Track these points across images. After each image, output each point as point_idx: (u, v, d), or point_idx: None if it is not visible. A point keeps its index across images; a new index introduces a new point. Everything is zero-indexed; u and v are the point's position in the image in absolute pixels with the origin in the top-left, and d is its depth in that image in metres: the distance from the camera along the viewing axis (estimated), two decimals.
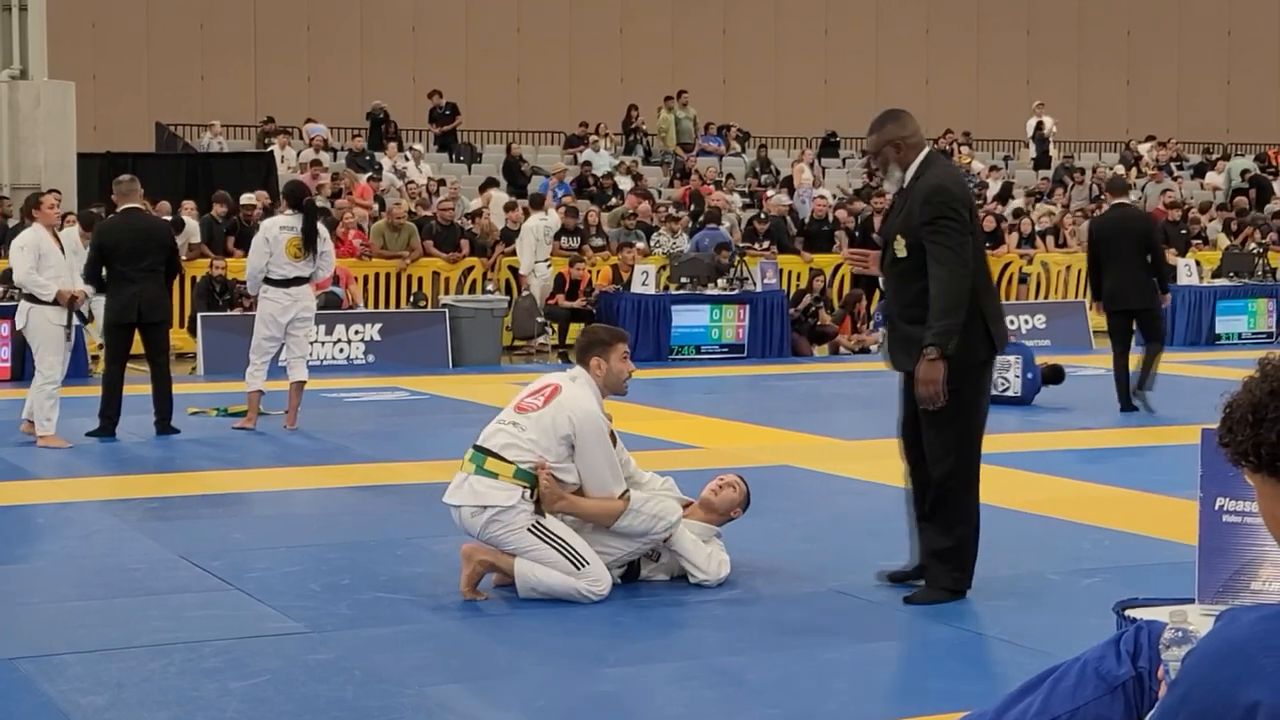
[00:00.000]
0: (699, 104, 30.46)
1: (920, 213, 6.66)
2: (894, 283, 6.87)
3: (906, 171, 6.81)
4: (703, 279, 18.89)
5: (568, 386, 6.91)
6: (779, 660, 5.91)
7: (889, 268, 6.87)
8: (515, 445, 6.78)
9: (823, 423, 12.84)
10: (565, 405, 6.81)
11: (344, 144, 27.37)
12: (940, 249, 6.62)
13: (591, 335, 7.30)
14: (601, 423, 6.85)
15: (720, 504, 7.32)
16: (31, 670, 5.70)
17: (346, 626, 6.38)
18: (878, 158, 6.94)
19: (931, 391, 6.52)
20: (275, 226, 12.54)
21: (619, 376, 7.04)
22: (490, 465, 6.78)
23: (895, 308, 6.92)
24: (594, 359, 7.01)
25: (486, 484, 6.75)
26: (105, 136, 26.98)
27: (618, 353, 7.05)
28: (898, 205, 6.92)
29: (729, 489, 7.34)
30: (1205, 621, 3.18)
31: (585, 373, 7.00)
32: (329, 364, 17.16)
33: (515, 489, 6.73)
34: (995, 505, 9.15)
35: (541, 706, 5.35)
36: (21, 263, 11.66)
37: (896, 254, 6.76)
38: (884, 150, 6.84)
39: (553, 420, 6.78)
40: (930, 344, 6.51)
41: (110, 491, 9.79)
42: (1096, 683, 3.65)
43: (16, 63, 20.70)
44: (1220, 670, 2.31)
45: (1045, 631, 6.24)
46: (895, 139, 6.82)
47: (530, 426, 6.80)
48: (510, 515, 6.70)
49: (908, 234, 6.72)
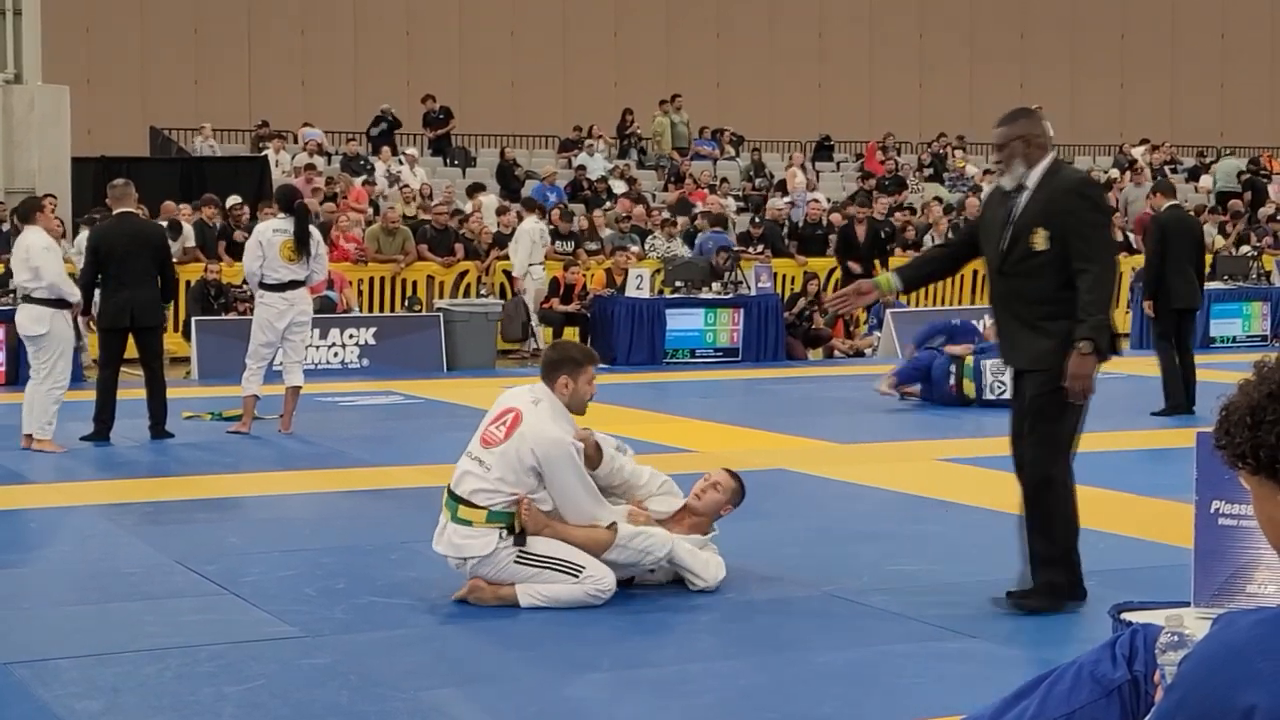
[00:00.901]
0: (693, 108, 30.47)
1: (1068, 205, 6.56)
2: (1021, 278, 6.68)
3: (1031, 170, 6.68)
4: (697, 283, 18.89)
5: (529, 413, 6.73)
6: (774, 664, 5.91)
7: (1016, 263, 6.67)
8: (483, 489, 6.68)
9: (817, 426, 12.84)
10: (528, 436, 6.66)
11: (338, 148, 27.38)
12: (1091, 244, 6.54)
13: (563, 352, 7.13)
14: (568, 447, 6.68)
15: (705, 508, 7.20)
16: (26, 675, 5.69)
17: (342, 631, 6.37)
18: (1005, 149, 6.73)
19: (1082, 386, 6.43)
20: (268, 230, 12.55)
21: (583, 398, 6.91)
22: (463, 513, 6.72)
23: (1020, 304, 6.71)
24: (562, 378, 6.85)
25: (463, 534, 6.72)
26: (100, 140, 26.95)
27: (586, 374, 6.91)
28: (1029, 201, 6.68)
29: (712, 490, 7.21)
30: (1201, 625, 3.19)
31: (549, 392, 6.83)
32: (323, 368, 17.14)
33: (491, 534, 6.67)
34: (991, 509, 9.16)
35: (536, 711, 5.35)
36: (53, 265, 11.56)
37: (1034, 247, 6.59)
38: (1013, 144, 6.69)
39: (516, 453, 6.65)
40: (1085, 338, 6.41)
41: (105, 496, 9.78)
42: (1092, 686, 3.65)
43: (11, 67, 20.71)
44: (1217, 674, 2.31)
45: (1040, 635, 6.24)
46: (1027, 135, 6.70)
47: (495, 464, 6.68)
48: (493, 559, 6.68)
49: (1050, 226, 6.56)
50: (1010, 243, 6.71)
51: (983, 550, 8.03)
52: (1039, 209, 6.63)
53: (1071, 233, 6.55)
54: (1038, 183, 6.68)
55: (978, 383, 14.06)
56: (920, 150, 31.37)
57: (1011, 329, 6.80)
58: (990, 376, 14.03)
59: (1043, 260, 6.60)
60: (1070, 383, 6.47)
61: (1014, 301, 6.77)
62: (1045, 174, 6.68)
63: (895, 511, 9.26)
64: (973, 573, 7.43)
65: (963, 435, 12.48)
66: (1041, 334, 6.60)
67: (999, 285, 6.92)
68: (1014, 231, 6.72)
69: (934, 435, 12.54)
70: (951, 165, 29.96)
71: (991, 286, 7.10)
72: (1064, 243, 6.55)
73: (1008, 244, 6.72)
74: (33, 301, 11.64)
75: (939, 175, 29.33)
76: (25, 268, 11.57)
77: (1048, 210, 6.61)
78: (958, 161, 30.13)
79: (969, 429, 12.84)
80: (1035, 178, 6.69)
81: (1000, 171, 6.87)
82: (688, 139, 29.47)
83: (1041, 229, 6.60)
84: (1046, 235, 6.59)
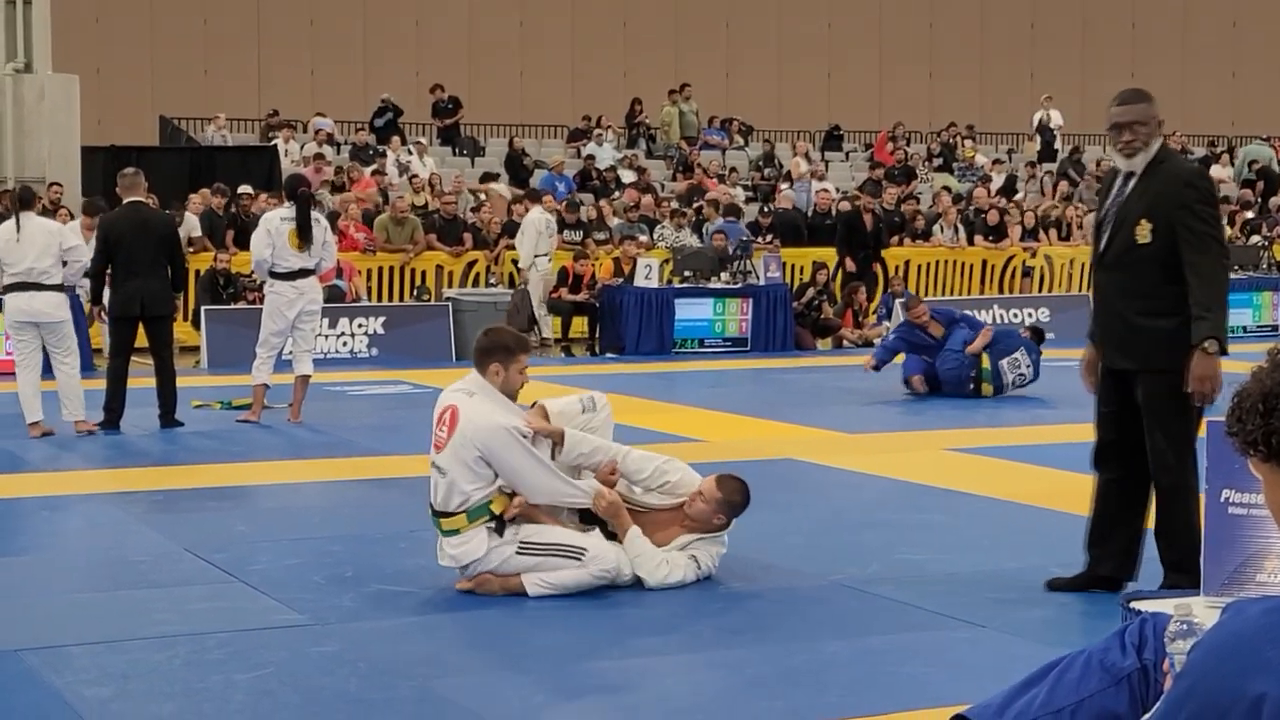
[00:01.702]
0: (702, 97, 30.44)
1: (1181, 196, 6.32)
2: (1124, 272, 6.44)
3: (1142, 157, 6.43)
4: (706, 272, 18.88)
5: (464, 406, 6.67)
6: (780, 653, 5.91)
7: (1121, 255, 6.44)
8: (451, 495, 6.67)
9: (825, 416, 12.83)
10: (465, 431, 6.61)
11: (348, 138, 27.38)
12: (1203, 237, 6.29)
13: (495, 339, 6.94)
14: (506, 430, 6.57)
15: (694, 516, 6.97)
16: (36, 662, 5.70)
17: (350, 619, 6.38)
18: (1145, 128, 6.42)
19: (1211, 388, 6.17)
20: (276, 218, 12.60)
21: (513, 387, 6.80)
22: (447, 524, 6.72)
23: (1122, 299, 6.46)
24: (494, 365, 6.76)
25: (455, 544, 6.72)
26: (109, 130, 26.97)
27: (518, 363, 6.80)
28: (1135, 190, 6.45)
29: (698, 500, 6.92)
30: (1210, 614, 3.18)
31: (483, 380, 6.75)
32: (332, 357, 17.16)
33: (479, 532, 6.67)
34: (999, 498, 9.16)
35: (543, 700, 5.36)
36: (87, 252, 11.77)
37: (1137, 239, 6.36)
38: (1151, 123, 6.41)
39: (459, 450, 6.62)
40: (1210, 337, 6.16)
41: (114, 484, 9.80)
42: (1101, 675, 3.65)
43: (21, 56, 20.71)
44: (1227, 663, 2.30)
45: (1050, 624, 6.24)
46: (1148, 118, 6.42)
47: (449, 466, 6.66)
48: (494, 556, 6.68)
49: (1155, 218, 6.33)
50: (1112, 234, 6.50)
51: (991, 540, 8.03)
52: (1144, 200, 6.40)
53: (1181, 226, 6.30)
54: (1144, 171, 6.45)
55: (996, 383, 14.05)
56: (930, 140, 31.32)
57: (1115, 327, 6.54)
58: (1010, 374, 14.05)
59: (1145, 254, 6.36)
60: (1197, 384, 6.19)
61: (1115, 296, 6.52)
62: (1152, 163, 6.44)
63: (903, 501, 9.26)
64: (980, 562, 7.43)
65: (972, 425, 12.47)
66: (1146, 333, 6.36)
67: (1099, 278, 6.68)
68: (1116, 222, 6.50)
69: (942, 425, 12.53)
70: (961, 155, 29.91)
71: (1094, 279, 6.84)
72: (1170, 236, 6.31)
73: (1109, 235, 6.51)
74: (48, 289, 11.66)
75: (949, 165, 29.29)
76: (48, 254, 11.60)
77: (1154, 202, 6.37)
78: (967, 151, 30.08)
79: (978, 419, 12.83)
80: (1143, 165, 6.45)
81: (1129, 154, 6.45)
82: (697, 129, 29.45)
83: (1145, 221, 6.37)
84: (1150, 228, 6.35)
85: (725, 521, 7.00)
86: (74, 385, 11.75)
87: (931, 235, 22.72)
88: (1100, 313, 6.72)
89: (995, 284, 22.63)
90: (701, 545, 6.98)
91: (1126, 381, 6.54)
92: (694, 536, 6.97)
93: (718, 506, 6.94)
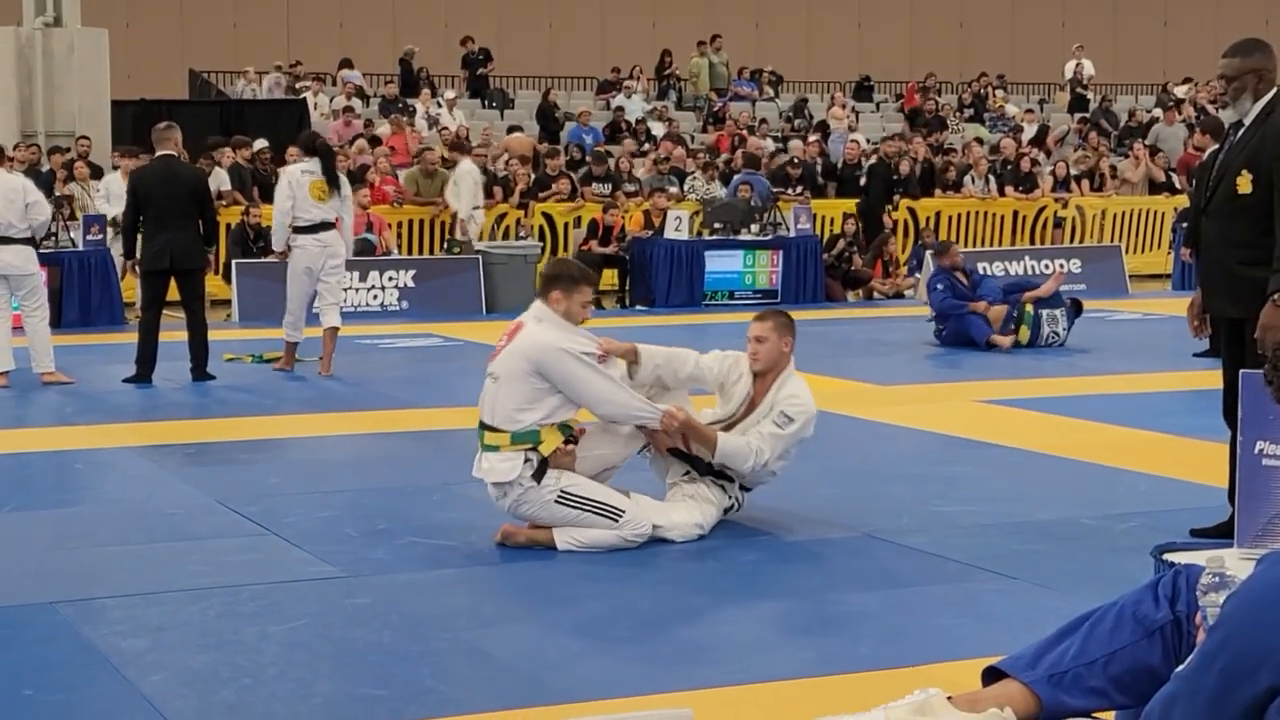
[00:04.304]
0: (732, 49, 30.28)
1: (1276, 149, 6.33)
2: (1226, 221, 6.48)
3: (1256, 105, 6.44)
4: (736, 224, 18.83)
5: (530, 325, 6.81)
6: (812, 605, 5.92)
7: (1223, 204, 6.48)
8: (498, 409, 6.69)
9: (856, 368, 12.81)
10: (520, 343, 6.72)
11: (376, 91, 27.33)
12: None
13: (561, 268, 7.10)
14: (562, 348, 6.66)
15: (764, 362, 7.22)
16: (72, 614, 5.75)
17: (383, 571, 6.41)
18: (1237, 82, 6.47)
19: (1275, 339, 6.10)
20: (296, 171, 12.70)
21: (575, 319, 6.86)
22: (489, 439, 6.75)
23: (1224, 248, 6.51)
24: (555, 293, 6.82)
25: (492, 459, 6.74)
26: (139, 84, 26.95)
27: (582, 295, 6.88)
28: (1241, 139, 6.49)
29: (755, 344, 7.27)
30: (1244, 566, 3.17)
31: (548, 308, 6.83)
32: (363, 310, 17.19)
33: (516, 457, 6.68)
34: (1030, 450, 9.14)
35: (577, 651, 5.38)
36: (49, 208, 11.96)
37: (1238, 190, 6.38)
38: (1245, 77, 6.44)
39: (510, 360, 6.72)
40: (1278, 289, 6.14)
41: (147, 437, 9.85)
42: (1134, 627, 3.65)
43: (50, 10, 20.70)
44: (1261, 614, 2.30)
45: (1082, 576, 6.23)
46: (1260, 68, 6.45)
47: (500, 373, 6.74)
48: (534, 494, 6.69)
49: (1255, 169, 6.34)
50: (1216, 182, 6.53)
51: (1022, 492, 8.02)
52: (1247, 150, 6.43)
53: (1278, 177, 6.30)
54: (1252, 120, 6.46)
55: (1034, 331, 14.02)
56: (961, 90, 31.13)
57: (1217, 274, 6.56)
58: (1046, 328, 14.03)
59: (1246, 204, 6.39)
60: (1261, 333, 6.19)
61: (1218, 244, 6.56)
62: (1261, 112, 6.44)
63: (934, 452, 9.25)
64: (1012, 514, 7.42)
65: (1002, 376, 12.43)
66: (1248, 281, 6.34)
67: (1203, 225, 6.71)
68: (1218, 171, 6.53)
69: (973, 376, 12.50)
70: (992, 105, 29.71)
71: (1198, 226, 6.86)
72: (1269, 188, 6.31)
73: (1213, 183, 6.54)
74: (16, 242, 11.84)
75: (979, 115, 29.10)
76: (13, 209, 11.75)
77: (1257, 151, 6.39)
78: (998, 102, 29.88)
79: (1009, 371, 12.79)
80: (1253, 115, 6.46)
81: (1223, 105, 6.50)
82: (726, 80, 29.32)
83: (1246, 171, 6.39)
84: (1250, 179, 6.37)
85: (791, 340, 7.26)
86: (43, 338, 11.99)
87: (962, 186, 22.61)
88: (1204, 260, 6.77)
89: (1026, 235, 22.52)
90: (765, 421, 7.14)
91: (1239, 327, 6.54)
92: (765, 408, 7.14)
93: (776, 333, 7.21)
